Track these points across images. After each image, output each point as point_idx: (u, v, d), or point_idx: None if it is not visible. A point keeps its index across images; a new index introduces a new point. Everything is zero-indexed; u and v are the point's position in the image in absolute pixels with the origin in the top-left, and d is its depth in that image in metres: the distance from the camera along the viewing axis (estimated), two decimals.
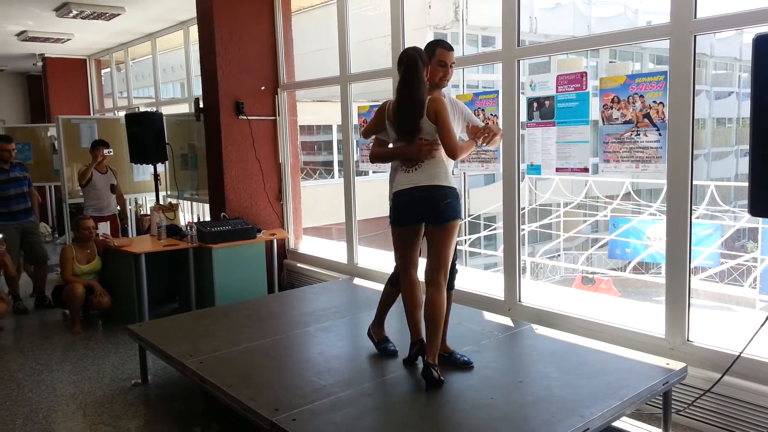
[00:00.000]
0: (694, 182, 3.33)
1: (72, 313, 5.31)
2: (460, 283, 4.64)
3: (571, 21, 21.83)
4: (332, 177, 17.24)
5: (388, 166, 4.78)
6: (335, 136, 17.02)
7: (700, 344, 3.29)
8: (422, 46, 3.17)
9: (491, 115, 4.14)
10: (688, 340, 3.33)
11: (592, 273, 12.56)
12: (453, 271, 3.26)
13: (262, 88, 6.13)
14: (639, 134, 3.41)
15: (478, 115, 4.22)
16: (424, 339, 3.06)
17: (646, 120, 3.38)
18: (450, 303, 3.30)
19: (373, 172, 6.49)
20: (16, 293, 5.89)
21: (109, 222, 6.42)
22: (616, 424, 2.98)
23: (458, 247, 3.42)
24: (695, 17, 3.17)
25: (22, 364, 4.56)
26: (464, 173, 14.12)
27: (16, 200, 5.96)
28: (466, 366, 3.19)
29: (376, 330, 3.57)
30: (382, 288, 3.57)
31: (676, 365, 3.09)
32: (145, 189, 8.19)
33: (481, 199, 17.68)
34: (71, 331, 5.23)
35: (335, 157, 17.25)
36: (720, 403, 3.14)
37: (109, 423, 3.55)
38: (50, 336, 5.26)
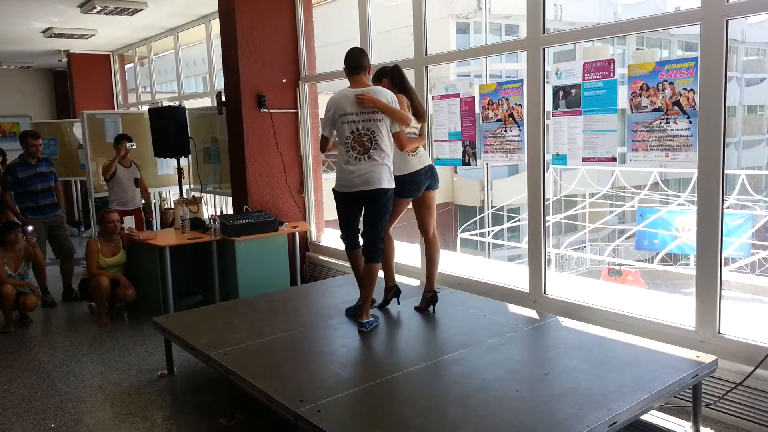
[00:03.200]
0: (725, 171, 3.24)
1: (98, 306, 5.39)
2: (483, 276, 4.64)
3: (596, 8, 21.47)
4: None
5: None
6: None
7: (732, 336, 3.21)
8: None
9: (516, 104, 4.08)
10: (719, 333, 3.25)
11: (618, 265, 12.38)
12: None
13: (284, 80, 6.12)
14: (669, 122, 3.32)
15: (502, 105, 4.17)
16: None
17: (676, 108, 3.29)
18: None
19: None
20: (45, 286, 6.00)
21: (134, 216, 6.49)
22: (645, 417, 2.93)
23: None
24: (728, 1, 3.06)
25: (51, 355, 4.65)
26: (487, 164, 14.00)
27: (43, 195, 6.05)
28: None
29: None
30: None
31: (707, 358, 3.03)
32: (168, 183, 8.27)
33: (504, 190, 17.56)
34: (98, 323, 5.31)
35: None
36: (752, 396, 3.06)
37: (136, 413, 3.59)
38: (78, 328, 5.34)
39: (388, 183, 3.68)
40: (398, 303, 4.18)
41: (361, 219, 3.85)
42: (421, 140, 4.02)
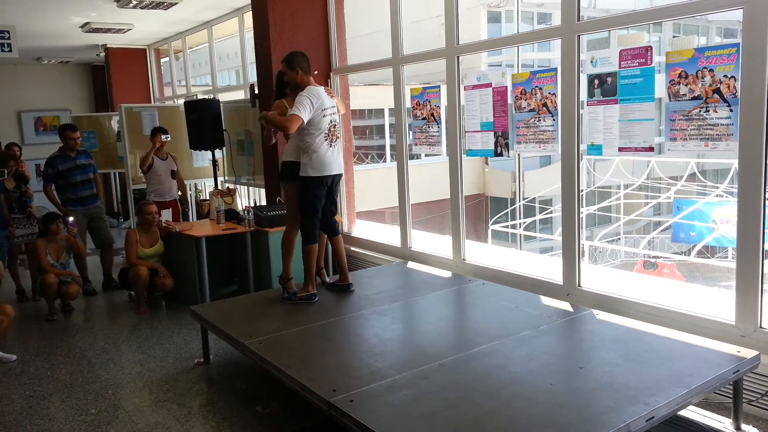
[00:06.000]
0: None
1: (137, 295, 5.52)
2: (516, 267, 4.60)
3: None
4: (384, 161, 17.26)
5: (442, 148, 4.79)
6: (387, 120, 16.99)
7: None
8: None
9: (550, 93, 4.02)
10: (760, 327, 3.16)
11: (654, 257, 12.13)
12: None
13: (315, 72, 6.11)
14: (708, 110, 3.23)
15: (535, 94, 4.11)
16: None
17: (716, 95, 3.20)
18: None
19: (426, 155, 6.44)
20: (85, 275, 6.17)
21: (171, 209, 6.62)
22: (683, 413, 2.87)
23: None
24: None
25: (91, 343, 4.78)
26: (519, 155, 13.82)
27: (82, 186, 6.22)
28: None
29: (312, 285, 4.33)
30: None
31: (748, 353, 2.95)
32: (204, 175, 8.40)
33: (535, 181, 17.35)
34: (137, 312, 5.45)
35: (387, 141, 17.25)
36: None
37: (174, 400, 3.68)
38: (117, 316, 5.49)
39: None
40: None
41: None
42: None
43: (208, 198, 6.95)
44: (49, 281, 5.35)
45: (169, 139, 6.65)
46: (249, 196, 8.05)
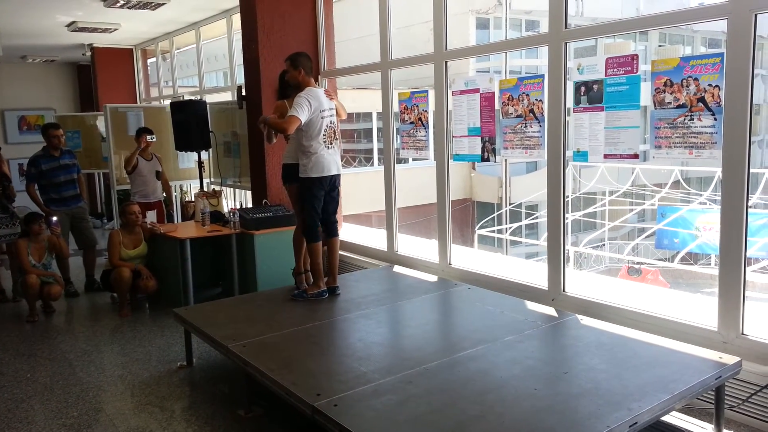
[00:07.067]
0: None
1: (120, 297, 5.46)
2: (501, 272, 4.61)
3: (618, 3, 21.17)
4: (372, 165, 17.26)
5: (430, 152, 4.81)
6: (375, 124, 17.01)
7: (756, 338, 3.15)
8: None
9: (537, 100, 4.04)
10: (742, 334, 3.19)
11: (638, 263, 12.23)
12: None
13: None
14: (693, 119, 3.26)
15: (522, 100, 4.13)
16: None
17: (700, 104, 3.23)
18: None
19: (413, 159, 6.45)
20: (68, 276, 6.09)
21: (156, 210, 6.56)
22: (666, 418, 2.89)
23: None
24: None
25: (73, 345, 4.72)
26: (506, 160, 13.88)
27: (66, 186, 6.14)
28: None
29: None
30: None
31: (730, 359, 2.98)
32: (189, 176, 8.35)
33: (522, 186, 17.43)
34: (119, 314, 5.38)
35: (375, 145, 17.26)
36: None
37: (156, 404, 3.64)
38: (99, 318, 5.42)
39: None
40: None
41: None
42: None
43: (193, 199, 6.91)
44: (30, 282, 5.27)
45: (154, 139, 6.60)
46: (235, 198, 8.01)
